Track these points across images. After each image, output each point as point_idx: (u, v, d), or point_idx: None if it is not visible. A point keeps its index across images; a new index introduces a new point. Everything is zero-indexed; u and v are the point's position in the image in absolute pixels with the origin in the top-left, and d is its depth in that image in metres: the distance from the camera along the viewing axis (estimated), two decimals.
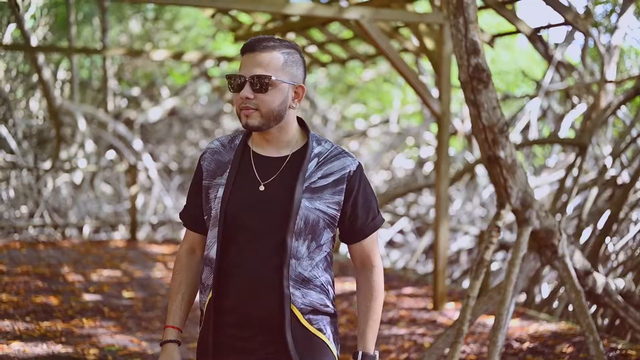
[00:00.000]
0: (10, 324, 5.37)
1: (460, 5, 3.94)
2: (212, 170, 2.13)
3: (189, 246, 2.23)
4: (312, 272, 2.08)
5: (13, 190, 11.28)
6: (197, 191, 2.18)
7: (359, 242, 2.17)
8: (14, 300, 5.98)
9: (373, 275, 2.18)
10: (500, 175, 4.28)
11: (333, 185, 2.08)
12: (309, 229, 2.05)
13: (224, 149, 2.16)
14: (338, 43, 9.22)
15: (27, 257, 7.63)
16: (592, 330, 4.26)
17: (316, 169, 2.09)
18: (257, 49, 2.04)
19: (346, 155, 2.13)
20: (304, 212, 2.04)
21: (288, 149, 2.12)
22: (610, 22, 10.37)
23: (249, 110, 2.02)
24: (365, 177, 2.16)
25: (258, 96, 2.02)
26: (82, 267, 7.42)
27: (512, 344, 5.16)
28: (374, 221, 2.16)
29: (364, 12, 5.72)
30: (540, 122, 10.74)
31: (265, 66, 2.02)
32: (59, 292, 6.36)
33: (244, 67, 2.05)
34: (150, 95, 16.02)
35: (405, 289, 7.19)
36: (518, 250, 4.35)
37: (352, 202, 2.11)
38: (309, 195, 2.06)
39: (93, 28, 16.33)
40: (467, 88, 4.12)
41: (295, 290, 2.05)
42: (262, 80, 2.01)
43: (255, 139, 2.13)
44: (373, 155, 14.32)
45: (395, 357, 5.07)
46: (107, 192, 12.95)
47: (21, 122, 13.10)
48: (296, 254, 2.05)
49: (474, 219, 10.56)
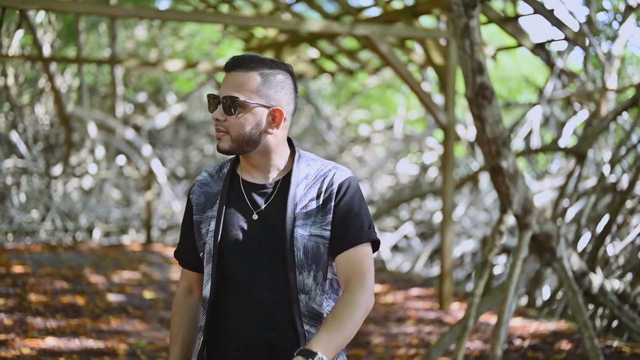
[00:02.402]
0: (42, 322, 5.85)
1: (467, 29, 4.42)
2: (202, 203, 2.04)
3: (187, 285, 2.14)
4: (323, 304, 1.97)
5: (24, 194, 11.76)
6: (189, 228, 2.08)
7: (344, 253, 1.94)
8: (43, 300, 6.45)
9: (356, 295, 1.88)
10: (502, 184, 4.75)
11: (323, 205, 1.96)
12: (311, 258, 1.93)
13: (212, 180, 2.07)
14: (347, 54, 9.71)
15: (49, 259, 8.11)
16: (588, 327, 4.72)
17: (306, 192, 1.97)
18: (234, 69, 1.95)
19: (336, 170, 2.01)
20: (301, 242, 1.92)
21: (278, 173, 2.00)
22: (612, 30, 10.79)
23: (220, 132, 1.94)
24: (356, 190, 2.00)
25: (228, 119, 1.93)
26: (103, 269, 7.90)
27: (514, 342, 5.62)
28: (361, 232, 1.96)
29: (375, 28, 6.21)
30: (543, 129, 11.17)
31: (239, 87, 1.92)
32: (83, 292, 6.84)
33: (222, 86, 1.97)
34: (157, 101, 16.52)
35: (412, 290, 7.66)
36: (519, 252, 4.82)
37: (339, 211, 1.96)
38: (302, 222, 1.94)
39: (99, 35, 16.83)
40: (472, 104, 4.60)
41: (310, 327, 1.93)
42: (231, 102, 1.92)
43: (243, 166, 2.03)
44: (377, 161, 14.78)
45: (404, 352, 5.53)
46: (116, 197, 13.42)
47: (30, 128, 13.59)
48: (304, 289, 1.93)
49: (477, 224, 11.02)
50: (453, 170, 6.71)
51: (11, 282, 6.93)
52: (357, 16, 8.21)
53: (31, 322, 5.79)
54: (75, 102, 14.71)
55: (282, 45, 9.52)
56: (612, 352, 5.21)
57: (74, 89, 15.47)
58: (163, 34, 17.17)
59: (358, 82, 17.37)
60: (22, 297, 6.49)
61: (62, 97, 12.47)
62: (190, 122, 15.95)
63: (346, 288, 1.91)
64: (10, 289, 6.69)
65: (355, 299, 1.87)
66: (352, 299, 1.87)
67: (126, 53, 16.55)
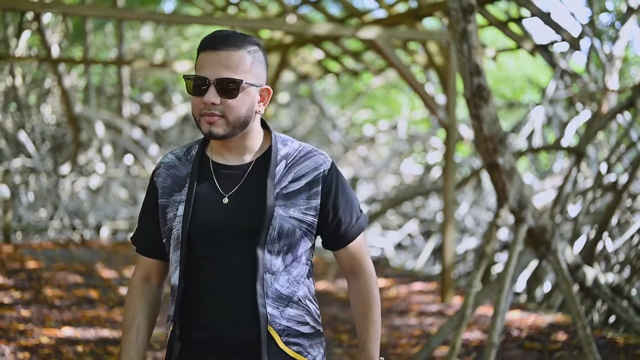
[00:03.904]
0: (58, 313, 6.19)
1: (465, 34, 4.74)
2: (168, 186, 1.96)
3: (144, 274, 2.04)
4: (290, 287, 1.92)
5: (33, 193, 12.13)
6: (151, 212, 2.00)
7: (345, 247, 2.01)
8: (58, 294, 6.80)
9: (365, 282, 2.03)
10: (499, 180, 5.07)
11: (307, 188, 1.92)
12: (284, 240, 1.89)
13: (180, 162, 1.99)
14: (351, 56, 10.05)
15: (61, 255, 8.47)
16: (581, 317, 5.03)
17: (285, 173, 1.93)
18: (221, 47, 1.85)
19: (317, 153, 1.98)
20: (279, 222, 1.88)
21: (251, 154, 1.97)
22: (615, 30, 11.05)
23: (213, 117, 1.84)
24: (342, 175, 2.00)
25: (226, 102, 1.84)
26: (114, 264, 8.25)
27: (512, 333, 5.94)
28: (357, 222, 2.01)
29: (379, 32, 6.54)
30: (546, 129, 11.46)
31: (234, 68, 1.85)
32: (96, 286, 7.19)
33: (206, 66, 1.85)
34: (162, 102, 16.90)
35: (414, 285, 8.00)
36: (515, 245, 5.14)
37: (331, 204, 1.95)
38: (282, 203, 1.89)
39: (105, 35, 17.20)
40: (470, 104, 4.92)
41: (273, 310, 1.88)
42: (232, 84, 1.85)
43: (214, 147, 1.97)
44: (382, 160, 15.10)
45: (406, 342, 5.86)
46: (123, 196, 13.78)
47: (37, 128, 13.97)
48: (270, 268, 1.88)
49: (480, 223, 11.34)
50: (454, 168, 7.03)
51: (26, 277, 7.28)
52: (362, 18, 8.54)
53: (48, 313, 6.13)
54: (82, 102, 15.08)
55: (288, 47, 9.87)
56: (605, 342, 5.53)
57: (79, 89, 15.85)
58: (169, 34, 17.56)
59: (362, 83, 17.71)
60: (37, 290, 6.83)
61: (70, 97, 12.84)
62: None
63: (352, 276, 2.03)
64: (26, 283, 7.05)
65: (368, 290, 2.02)
66: (366, 291, 2.02)
67: (132, 53, 16.93)
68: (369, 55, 11.46)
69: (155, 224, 1.98)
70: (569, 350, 5.46)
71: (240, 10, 10.96)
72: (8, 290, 6.72)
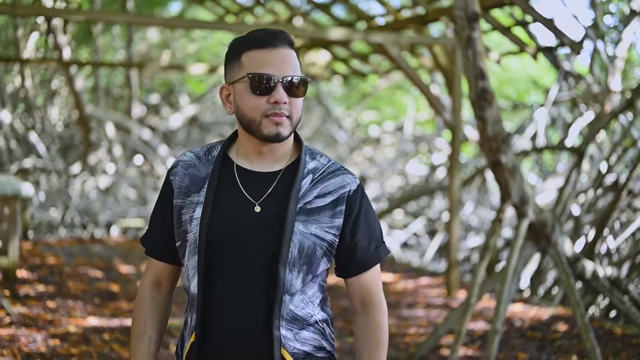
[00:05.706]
0: (82, 305, 6.63)
1: (470, 40, 5.18)
2: (185, 186, 1.87)
3: (154, 279, 1.96)
4: (306, 309, 1.86)
5: (43, 193, 12.58)
6: (165, 212, 1.91)
7: (358, 276, 1.92)
8: (80, 287, 7.24)
9: (376, 316, 1.93)
10: (502, 177, 5.50)
11: (331, 206, 1.85)
12: (304, 258, 1.81)
13: (200, 162, 1.89)
14: (359, 58, 10.50)
15: (79, 251, 8.93)
16: (579, 306, 5.46)
17: (311, 187, 1.85)
18: (279, 44, 1.80)
19: (345, 172, 1.90)
20: (299, 238, 1.80)
21: (281, 163, 1.88)
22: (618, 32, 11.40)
23: (282, 117, 1.78)
24: (368, 199, 1.93)
25: (293, 101, 1.79)
26: (131, 260, 8.71)
27: (514, 324, 6.38)
28: (377, 250, 1.93)
29: (388, 36, 6.98)
30: (550, 129, 11.85)
31: (295, 66, 1.81)
32: (116, 280, 7.63)
33: (268, 65, 1.78)
34: (169, 103, 17.36)
35: (421, 279, 8.44)
36: (517, 238, 5.57)
37: (351, 226, 1.87)
38: (304, 218, 1.82)
39: (112, 37, 17.66)
40: (475, 105, 5.36)
41: (287, 332, 1.82)
42: (302, 82, 1.80)
43: (244, 150, 1.88)
44: (387, 161, 15.50)
45: (414, 332, 6.29)
46: (132, 196, 14.22)
47: (47, 128, 14.43)
48: (290, 289, 1.82)
49: (485, 222, 11.77)
50: (459, 167, 7.47)
51: (48, 272, 7.74)
52: (370, 23, 8.97)
53: (73, 305, 6.57)
54: (90, 103, 15.52)
55: (298, 50, 10.33)
56: (604, 332, 5.96)
57: (87, 90, 16.30)
58: (175, 36, 18.01)
59: (368, 84, 18.12)
60: (60, 284, 7.28)
61: (81, 98, 13.29)
62: (203, 123, 16.75)
63: (362, 309, 1.95)
64: (49, 277, 7.49)
65: (378, 325, 1.93)
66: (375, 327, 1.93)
67: (138, 55, 17.38)
68: (375, 58, 11.90)
69: (168, 225, 1.91)
70: (568, 339, 5.89)
71: (254, 16, 11.40)
72: (32, 284, 7.16)
